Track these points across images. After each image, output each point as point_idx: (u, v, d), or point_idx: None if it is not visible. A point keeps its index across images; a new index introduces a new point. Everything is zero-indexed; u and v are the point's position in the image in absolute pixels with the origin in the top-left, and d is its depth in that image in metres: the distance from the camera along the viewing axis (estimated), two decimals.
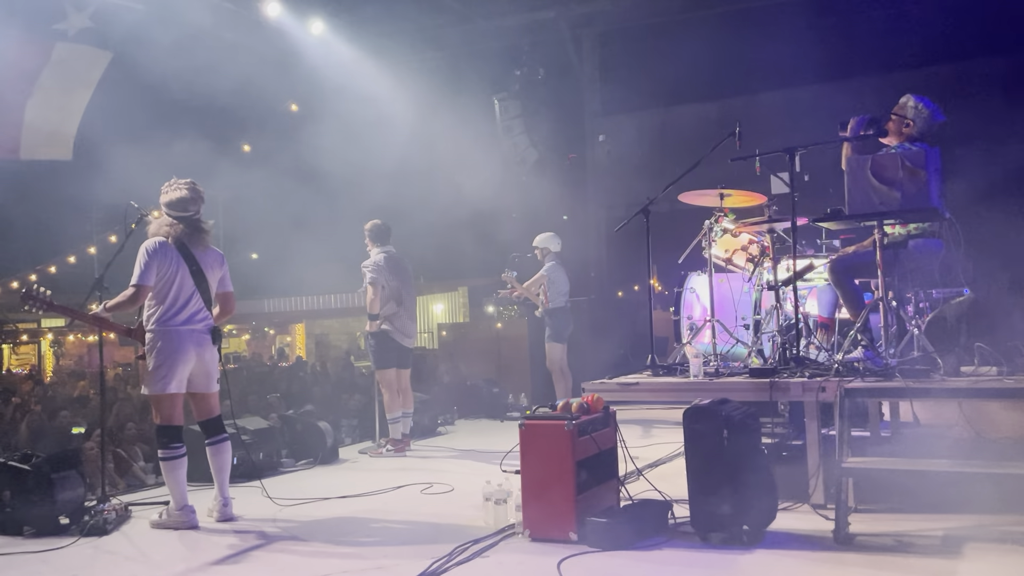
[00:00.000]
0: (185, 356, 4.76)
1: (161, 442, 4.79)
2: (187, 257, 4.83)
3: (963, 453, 4.29)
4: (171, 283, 4.76)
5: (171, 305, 4.76)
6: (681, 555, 3.83)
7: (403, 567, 3.78)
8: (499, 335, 11.53)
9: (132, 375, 13.11)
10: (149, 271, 4.70)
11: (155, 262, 4.72)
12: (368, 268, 7.17)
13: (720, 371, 5.27)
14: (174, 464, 4.75)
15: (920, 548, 3.80)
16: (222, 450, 4.95)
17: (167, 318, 4.75)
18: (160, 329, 4.75)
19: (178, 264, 4.79)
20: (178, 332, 4.75)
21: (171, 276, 4.76)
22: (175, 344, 4.74)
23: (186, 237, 4.86)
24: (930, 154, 4.68)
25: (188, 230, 4.88)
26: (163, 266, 4.74)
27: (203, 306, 4.86)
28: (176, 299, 4.77)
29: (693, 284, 6.40)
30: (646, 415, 8.24)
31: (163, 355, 4.72)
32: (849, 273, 5.12)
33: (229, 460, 4.99)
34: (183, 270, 4.79)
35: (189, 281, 4.80)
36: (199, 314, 4.84)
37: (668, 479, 4.90)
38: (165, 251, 4.77)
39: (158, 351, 4.73)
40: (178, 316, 4.77)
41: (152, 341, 4.75)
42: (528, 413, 4.37)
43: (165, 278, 4.75)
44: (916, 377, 4.14)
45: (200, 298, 4.84)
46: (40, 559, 4.25)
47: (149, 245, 4.78)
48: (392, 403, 7.20)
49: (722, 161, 5.31)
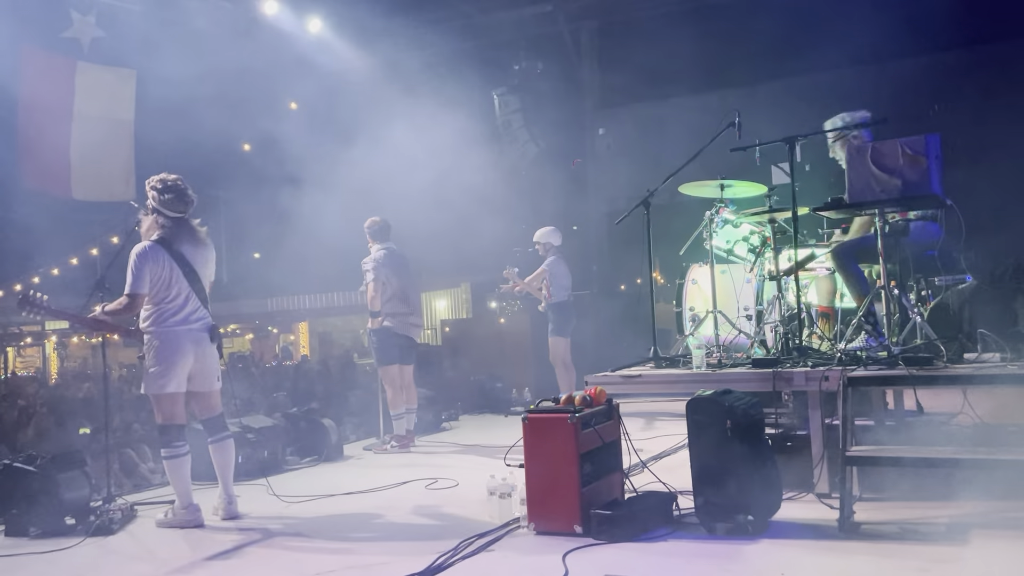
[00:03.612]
0: (183, 356, 4.75)
1: (164, 441, 4.79)
2: (179, 257, 4.79)
3: (967, 440, 4.29)
4: (166, 285, 4.74)
5: (168, 306, 4.75)
6: (686, 546, 3.83)
7: (409, 562, 3.79)
8: (502, 330, 11.54)
9: (136, 376, 13.12)
10: (141, 278, 4.67)
11: (146, 268, 4.68)
12: (368, 265, 7.18)
13: (723, 362, 5.26)
14: (178, 463, 4.76)
15: (925, 536, 3.80)
16: (225, 448, 4.95)
17: (163, 319, 4.74)
18: (157, 330, 4.74)
19: (171, 266, 4.75)
20: (175, 333, 4.75)
21: (165, 278, 4.73)
22: (173, 345, 4.73)
23: (177, 237, 4.82)
24: (930, 141, 4.65)
25: (179, 229, 4.84)
26: (155, 270, 4.71)
27: (199, 305, 4.84)
28: (172, 300, 4.75)
29: (694, 275, 6.38)
30: (649, 407, 8.23)
31: (161, 356, 4.72)
32: (852, 259, 5.11)
33: (232, 458, 4.99)
34: (176, 271, 4.76)
35: (184, 281, 4.78)
36: (195, 313, 4.82)
37: (672, 471, 4.90)
38: (156, 254, 4.74)
39: (156, 352, 4.72)
40: (175, 317, 4.76)
41: (150, 342, 4.75)
42: (532, 407, 4.37)
43: (159, 281, 4.72)
44: (919, 365, 4.12)
45: (196, 297, 4.83)
46: (46, 560, 4.26)
47: (139, 250, 4.74)
48: (395, 399, 7.21)
49: (722, 152, 5.30)
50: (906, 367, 4.14)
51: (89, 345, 22.65)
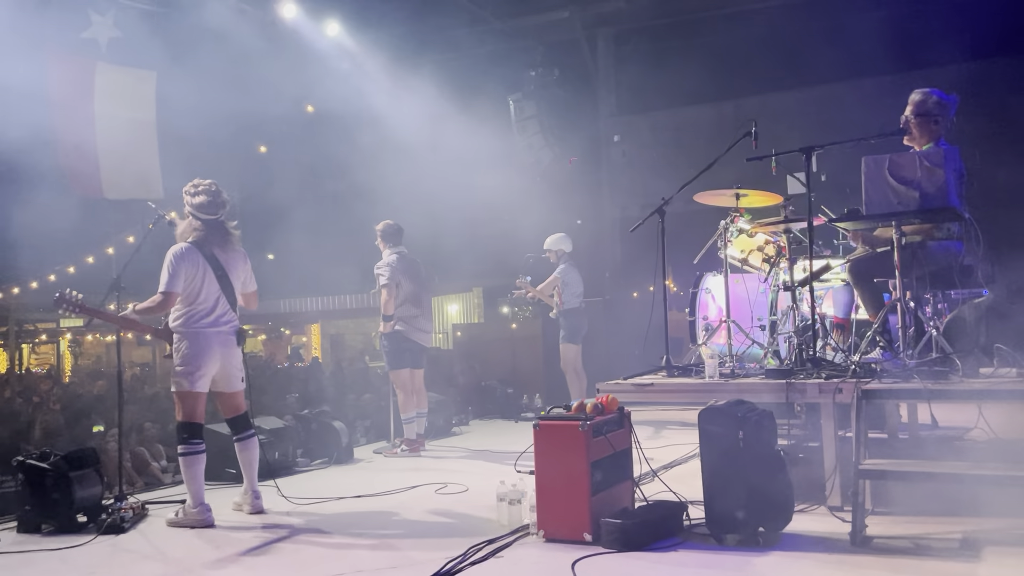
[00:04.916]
0: (211, 356, 4.88)
1: (182, 438, 4.88)
2: (212, 260, 4.94)
3: (982, 455, 4.25)
4: (198, 287, 4.88)
5: (198, 308, 4.88)
6: (696, 557, 3.81)
7: (417, 567, 3.79)
8: (514, 335, 11.52)
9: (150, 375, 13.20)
10: (176, 278, 4.81)
11: (182, 268, 4.83)
12: (381, 270, 7.19)
13: (736, 372, 5.24)
14: (193, 460, 4.85)
15: (938, 551, 3.76)
16: (250, 446, 5.09)
17: (194, 320, 4.87)
18: (187, 331, 4.86)
19: (204, 268, 4.90)
20: (205, 334, 4.87)
21: (198, 280, 4.88)
22: (202, 345, 4.85)
23: (211, 240, 4.98)
24: (949, 153, 4.62)
25: (213, 233, 5.00)
26: (190, 271, 4.85)
27: (228, 308, 4.98)
28: (203, 302, 4.89)
29: (708, 285, 6.36)
30: (661, 416, 8.20)
31: (190, 355, 4.84)
32: (869, 274, 5.07)
33: (257, 455, 5.12)
34: (209, 274, 4.91)
35: (215, 284, 4.92)
36: (225, 316, 4.96)
37: (683, 480, 4.87)
38: (192, 256, 4.88)
39: (185, 351, 4.84)
40: (206, 319, 4.89)
41: (179, 342, 4.87)
42: (543, 414, 4.36)
43: (192, 282, 4.86)
44: (934, 378, 4.09)
45: (225, 300, 4.96)
46: (58, 557, 4.28)
47: (176, 251, 4.89)
48: (406, 403, 7.21)
49: (738, 161, 5.28)
50: (921, 380, 4.11)
51: (103, 343, 22.81)
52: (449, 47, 12.95)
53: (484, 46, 13.01)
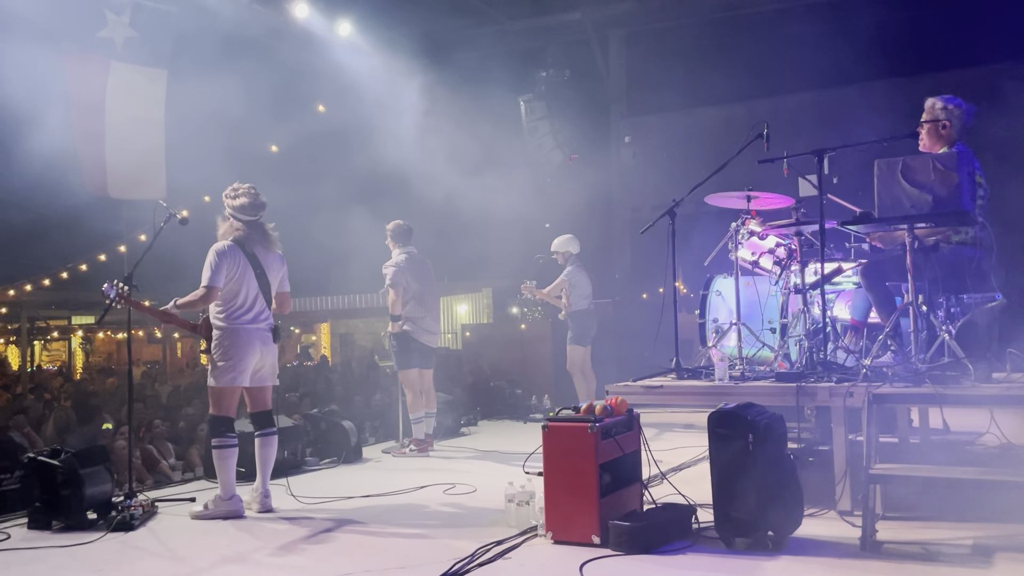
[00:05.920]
0: (251, 352, 5.01)
1: (217, 431, 5.01)
2: (252, 259, 5.09)
3: (994, 461, 4.22)
4: (239, 284, 5.02)
5: (239, 304, 5.02)
6: (705, 560, 3.80)
7: (425, 567, 3.79)
8: (523, 336, 11.52)
9: (159, 372, 13.26)
10: (219, 273, 4.96)
11: (224, 264, 4.98)
12: (389, 269, 7.19)
13: (746, 375, 5.22)
14: (227, 452, 4.97)
15: (949, 557, 3.73)
16: (270, 443, 5.17)
17: (235, 316, 5.01)
18: (228, 327, 4.99)
19: (244, 266, 5.05)
20: (245, 330, 5.01)
21: (238, 277, 5.02)
22: (242, 341, 4.99)
23: (251, 240, 5.13)
24: (962, 156, 4.59)
25: (253, 233, 5.15)
26: (231, 268, 5.00)
27: (265, 306, 5.13)
28: (243, 299, 5.03)
29: (719, 287, 6.34)
30: (668, 418, 8.19)
31: (231, 351, 4.97)
32: (881, 277, 5.04)
33: (274, 454, 5.20)
34: (249, 272, 5.06)
35: (254, 282, 5.07)
36: (263, 313, 5.11)
37: (692, 483, 4.86)
38: (233, 254, 5.04)
39: (226, 347, 4.97)
40: (246, 315, 5.02)
41: (220, 338, 4.99)
42: (551, 415, 4.36)
43: (233, 279, 5.00)
44: (946, 383, 4.07)
45: (263, 298, 5.11)
46: (68, 553, 4.31)
47: (219, 248, 5.04)
48: (415, 403, 7.22)
49: (749, 163, 5.27)
50: (933, 385, 4.09)
51: (114, 341, 22.94)
52: (460, 48, 12.95)
53: (495, 47, 13.01)
